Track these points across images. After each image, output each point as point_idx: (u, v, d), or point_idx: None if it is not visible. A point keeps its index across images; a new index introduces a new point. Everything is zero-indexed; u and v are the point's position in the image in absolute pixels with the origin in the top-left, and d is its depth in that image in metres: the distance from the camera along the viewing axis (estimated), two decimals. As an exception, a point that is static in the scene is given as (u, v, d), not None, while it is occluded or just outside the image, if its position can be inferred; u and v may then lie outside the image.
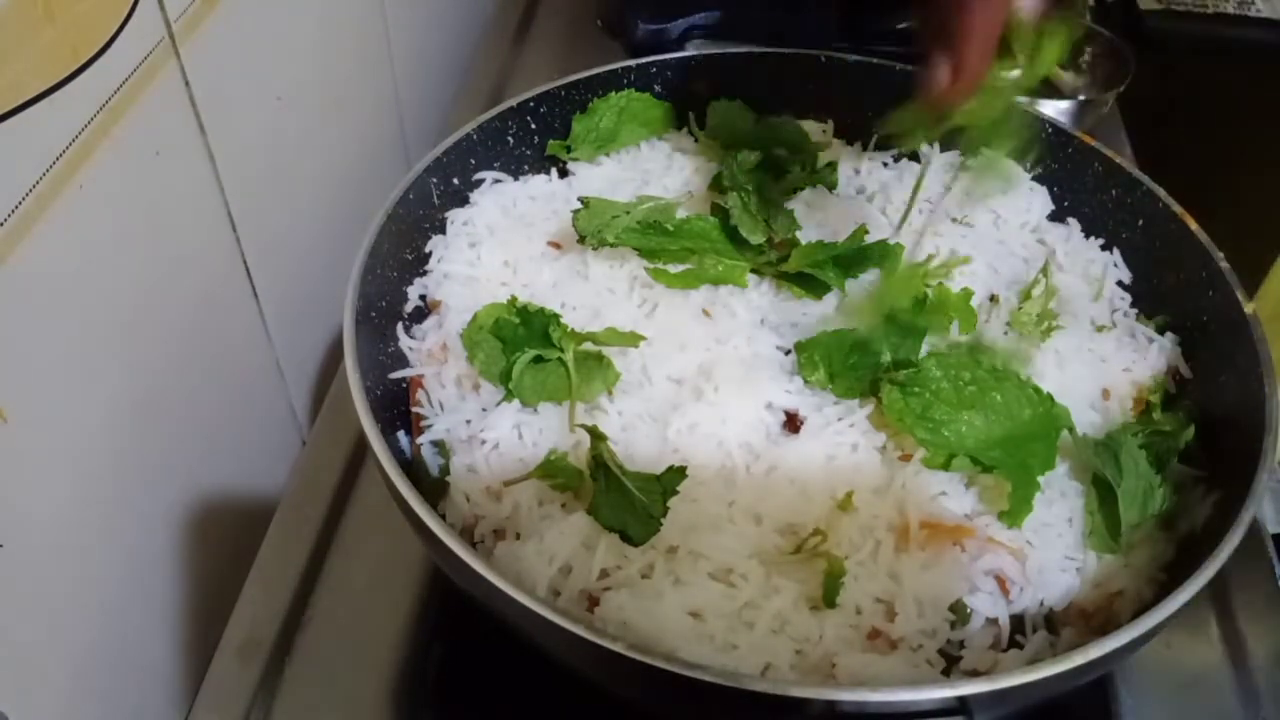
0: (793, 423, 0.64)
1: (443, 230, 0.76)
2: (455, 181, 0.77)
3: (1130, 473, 0.60)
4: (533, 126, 0.81)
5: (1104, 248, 0.77)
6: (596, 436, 0.60)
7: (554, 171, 0.82)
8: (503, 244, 0.75)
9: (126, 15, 0.60)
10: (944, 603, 0.57)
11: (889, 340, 0.65)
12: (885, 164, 0.84)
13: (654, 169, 0.82)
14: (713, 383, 0.64)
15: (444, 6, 1.22)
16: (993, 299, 0.72)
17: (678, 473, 0.57)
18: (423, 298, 0.73)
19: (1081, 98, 1.05)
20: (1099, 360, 0.70)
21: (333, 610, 0.72)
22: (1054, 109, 1.00)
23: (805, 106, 0.86)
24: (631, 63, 0.83)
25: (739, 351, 0.67)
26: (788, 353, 0.67)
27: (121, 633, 0.68)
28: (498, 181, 0.79)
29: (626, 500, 0.57)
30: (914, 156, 0.85)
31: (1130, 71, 1.02)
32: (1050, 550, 0.59)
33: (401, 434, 0.67)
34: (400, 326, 0.71)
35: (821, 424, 0.63)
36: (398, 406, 0.68)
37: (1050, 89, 1.07)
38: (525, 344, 0.65)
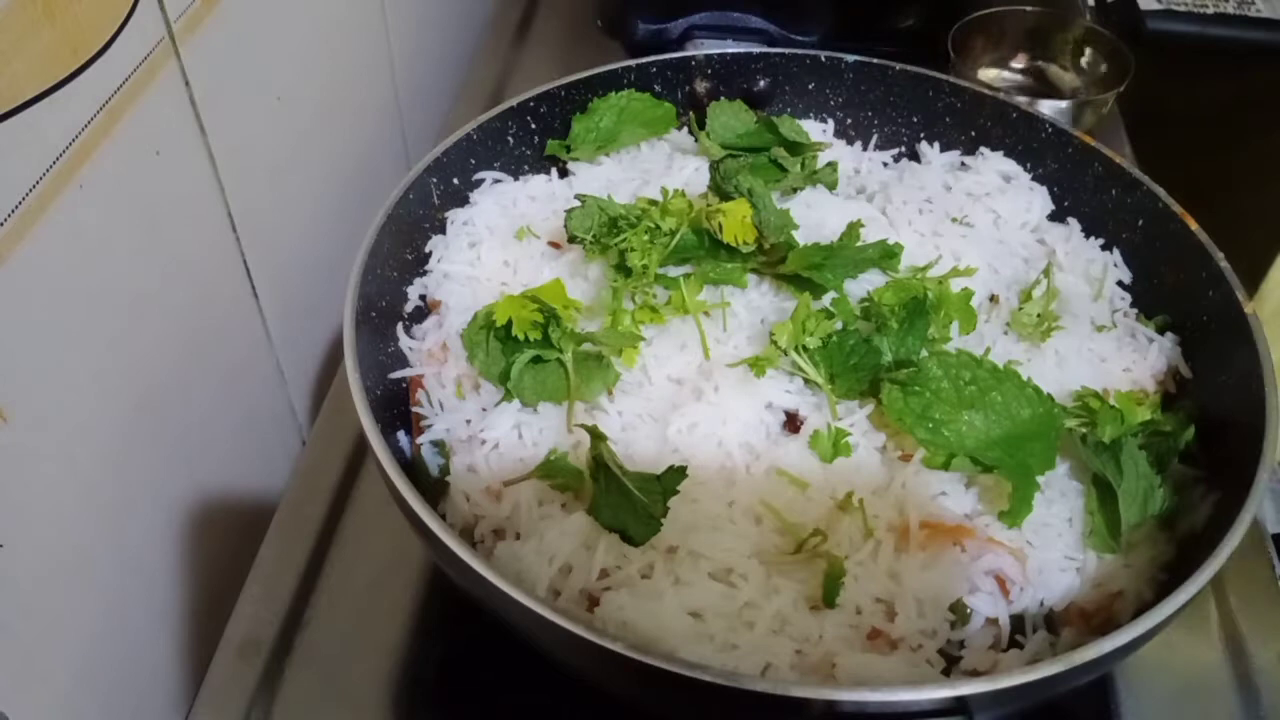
0: (793, 423, 0.64)
1: (443, 230, 0.76)
2: (455, 181, 0.77)
3: (1130, 473, 0.60)
4: (533, 126, 0.81)
5: (1104, 248, 0.77)
6: (596, 436, 0.60)
7: (554, 171, 0.82)
8: (503, 244, 0.75)
9: (126, 15, 0.60)
10: (944, 603, 0.57)
11: (890, 339, 0.65)
12: (885, 164, 0.85)
13: (654, 169, 0.81)
14: (713, 383, 0.64)
15: (444, 6, 1.22)
16: (993, 299, 0.72)
17: (678, 473, 0.57)
18: (423, 298, 0.73)
19: (1081, 98, 1.05)
20: (1099, 360, 0.70)
21: (333, 610, 0.72)
22: (1054, 109, 1.00)
23: (805, 106, 0.86)
24: (631, 63, 0.83)
25: (739, 351, 0.67)
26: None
27: (121, 633, 0.68)
28: (498, 181, 0.79)
29: (626, 500, 0.57)
30: (914, 156, 0.85)
31: (1130, 71, 1.02)
32: (1050, 550, 0.59)
33: (401, 434, 0.67)
34: (400, 326, 0.71)
35: (821, 424, 0.63)
36: (398, 406, 0.68)
37: (1050, 89, 1.07)
38: (525, 344, 0.65)
